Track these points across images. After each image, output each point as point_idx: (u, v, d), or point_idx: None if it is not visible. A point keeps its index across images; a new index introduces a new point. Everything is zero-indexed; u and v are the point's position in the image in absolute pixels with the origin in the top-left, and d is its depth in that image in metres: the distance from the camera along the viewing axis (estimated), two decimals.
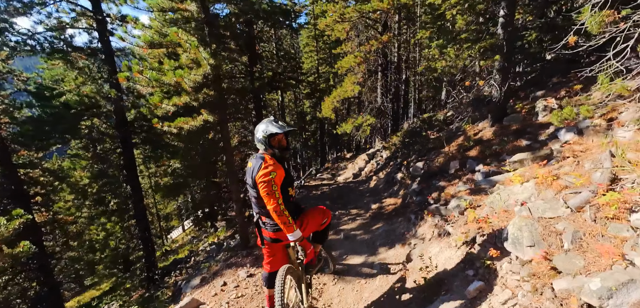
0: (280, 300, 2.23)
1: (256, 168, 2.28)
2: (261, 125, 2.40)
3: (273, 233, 2.45)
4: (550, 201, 2.47)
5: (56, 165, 11.50)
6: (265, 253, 2.67)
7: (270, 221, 2.41)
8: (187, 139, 4.51)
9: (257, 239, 2.64)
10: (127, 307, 8.13)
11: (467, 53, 4.44)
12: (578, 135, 3.29)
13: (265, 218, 2.44)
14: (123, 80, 3.84)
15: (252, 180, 2.33)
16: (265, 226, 2.47)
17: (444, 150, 5.61)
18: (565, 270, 2.01)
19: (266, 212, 2.36)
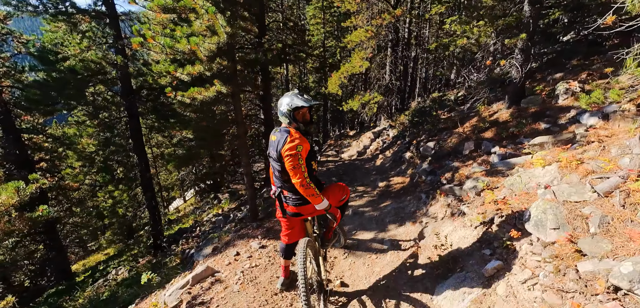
0: (303, 271, 2.26)
1: (281, 142, 2.24)
2: (285, 98, 2.35)
3: (294, 208, 2.45)
4: (576, 185, 2.46)
5: (60, 132, 11.44)
6: (284, 225, 2.70)
7: (292, 195, 2.41)
8: (199, 109, 4.42)
9: (277, 212, 2.64)
10: (137, 272, 8.35)
11: (491, 29, 4.28)
12: (603, 120, 3.24)
13: (287, 192, 2.42)
14: (137, 46, 3.70)
15: (277, 154, 2.28)
16: (287, 200, 2.46)
17: (457, 131, 5.56)
18: (590, 253, 2.03)
19: (289, 186, 2.35)
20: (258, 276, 3.73)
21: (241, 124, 5.20)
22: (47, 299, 9.88)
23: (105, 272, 10.59)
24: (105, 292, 7.78)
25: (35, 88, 6.42)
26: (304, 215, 2.52)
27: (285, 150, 2.20)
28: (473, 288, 2.59)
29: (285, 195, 2.45)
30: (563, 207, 2.35)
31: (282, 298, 3.25)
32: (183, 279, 3.95)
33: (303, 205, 2.41)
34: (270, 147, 2.40)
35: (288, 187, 2.38)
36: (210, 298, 3.35)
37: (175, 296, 3.64)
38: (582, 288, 1.92)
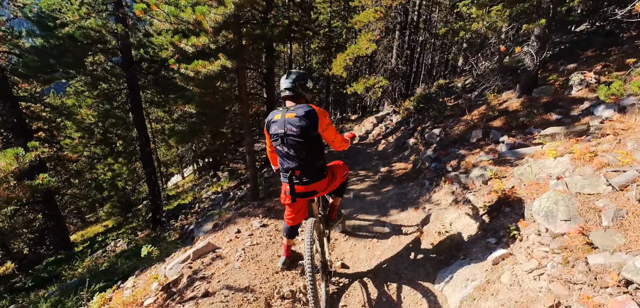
0: (310, 252, 2.25)
1: (312, 118, 2.20)
2: (291, 76, 2.36)
3: (306, 187, 2.40)
4: (590, 177, 2.40)
5: (58, 102, 11.26)
6: (289, 209, 2.65)
7: (306, 173, 2.35)
8: (203, 84, 4.30)
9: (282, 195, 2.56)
10: (136, 245, 8.43)
11: (509, 12, 4.09)
12: (619, 113, 3.15)
13: (301, 171, 2.33)
14: (140, 12, 3.53)
15: (298, 130, 2.20)
16: (301, 180, 2.37)
17: (465, 118, 5.46)
18: (602, 246, 1.99)
19: (304, 163, 2.31)
20: (259, 254, 3.72)
21: (245, 101, 5.08)
22: (46, 267, 10.01)
23: (104, 243, 10.69)
24: (104, 262, 7.86)
25: (33, 54, 6.22)
26: (318, 191, 2.49)
27: (324, 123, 2.25)
28: (476, 276, 2.57)
29: (297, 174, 2.35)
30: (575, 198, 2.30)
31: (283, 276, 3.25)
32: (184, 254, 3.95)
33: (317, 181, 2.41)
34: (277, 125, 2.29)
35: (303, 164, 2.32)
36: (211, 273, 3.35)
37: (175, 270, 3.64)
38: (591, 280, 1.89)
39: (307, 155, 2.29)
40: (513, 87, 5.52)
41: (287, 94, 2.36)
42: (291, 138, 2.23)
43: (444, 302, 2.57)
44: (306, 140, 2.24)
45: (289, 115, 2.24)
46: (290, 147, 2.27)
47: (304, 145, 2.25)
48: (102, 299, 3.64)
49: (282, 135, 2.26)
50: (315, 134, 2.27)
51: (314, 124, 2.21)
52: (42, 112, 10.51)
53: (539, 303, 2.00)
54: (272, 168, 2.70)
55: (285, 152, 2.32)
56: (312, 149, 2.32)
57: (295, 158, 2.30)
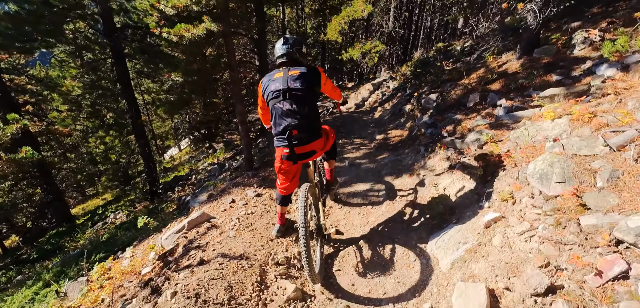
0: (304, 215, 2.27)
1: (312, 75, 2.33)
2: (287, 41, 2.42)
3: (303, 148, 2.39)
4: (587, 139, 2.34)
5: (43, 74, 10.83)
6: (283, 178, 2.63)
7: (305, 131, 2.34)
8: (189, 50, 4.07)
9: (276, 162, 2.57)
10: (134, 217, 8.51)
11: None
12: (622, 71, 3.03)
13: (299, 130, 2.32)
14: None
15: (303, 85, 2.27)
16: (300, 140, 2.36)
17: (462, 82, 5.30)
18: (595, 207, 1.97)
19: (304, 120, 2.32)
20: (254, 222, 3.74)
21: (234, 68, 4.86)
22: (49, 239, 10.19)
23: (104, 216, 10.81)
24: (104, 234, 7.97)
25: (6, 21, 5.83)
26: (317, 151, 2.49)
27: (324, 79, 2.44)
28: (468, 239, 2.59)
29: (295, 135, 2.33)
30: (571, 160, 2.25)
31: (278, 243, 3.28)
32: (179, 224, 3.95)
33: (315, 140, 2.42)
34: (278, 82, 2.31)
35: (303, 122, 2.32)
36: (206, 242, 3.37)
37: (171, 239, 3.66)
38: (582, 241, 1.89)
39: (308, 111, 2.32)
40: (513, 48, 5.31)
41: (284, 59, 2.38)
42: (294, 92, 2.26)
43: (435, 264, 2.60)
44: (309, 96, 2.30)
45: (292, 72, 2.29)
46: (293, 102, 2.27)
47: (307, 101, 2.30)
48: (102, 269, 3.69)
49: (285, 90, 2.26)
50: (318, 91, 2.40)
51: (317, 79, 2.34)
52: (28, 84, 10.14)
53: (528, 264, 2.01)
54: (265, 127, 2.87)
55: (286, 109, 2.29)
56: (313, 106, 2.38)
57: (297, 114, 2.29)
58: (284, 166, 2.52)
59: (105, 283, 3.33)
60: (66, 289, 3.72)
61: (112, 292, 3.03)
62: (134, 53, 7.75)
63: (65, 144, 11.82)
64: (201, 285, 2.53)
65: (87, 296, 3.16)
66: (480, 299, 1.88)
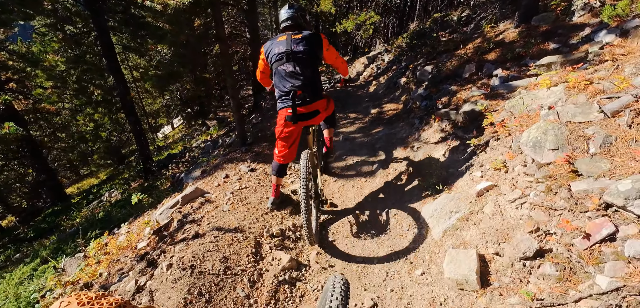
0: (305, 180, 2.40)
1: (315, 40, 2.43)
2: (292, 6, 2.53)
3: (306, 108, 2.47)
4: (583, 106, 2.32)
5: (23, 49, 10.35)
6: (284, 143, 2.68)
7: (308, 91, 2.44)
8: (175, 19, 3.87)
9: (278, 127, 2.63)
10: (129, 194, 8.47)
11: None
12: (621, 37, 2.97)
13: (302, 90, 2.42)
14: None
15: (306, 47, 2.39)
16: (304, 100, 2.45)
17: (458, 53, 5.19)
18: (586, 173, 1.98)
19: (307, 81, 2.42)
20: (248, 197, 3.73)
21: (224, 40, 4.67)
22: (45, 218, 10.19)
23: (99, 194, 10.77)
24: (100, 212, 7.96)
25: None
26: (320, 111, 2.58)
27: (327, 44, 2.52)
28: (460, 208, 2.62)
29: (299, 95, 2.43)
30: (565, 127, 2.24)
31: (272, 216, 3.29)
32: (173, 200, 3.94)
33: (318, 100, 2.51)
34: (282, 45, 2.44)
35: (306, 83, 2.42)
36: (200, 216, 3.36)
37: (166, 215, 3.65)
38: (572, 206, 1.91)
39: (311, 73, 2.43)
40: (511, 17, 5.17)
41: (289, 23, 2.51)
42: (297, 55, 2.38)
43: (428, 232, 2.64)
44: (312, 58, 2.42)
45: (295, 36, 2.41)
46: (297, 63, 2.39)
47: (310, 63, 2.41)
48: (98, 244, 3.70)
49: (288, 52, 2.39)
50: (320, 54, 2.51)
51: (319, 43, 2.46)
52: (9, 60, 9.71)
53: (518, 230, 2.05)
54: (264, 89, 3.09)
55: (289, 71, 2.41)
56: (316, 69, 2.49)
57: (300, 75, 2.40)
58: (286, 130, 2.57)
59: (102, 258, 3.34)
60: (64, 265, 3.74)
61: (108, 266, 3.05)
62: (118, 25, 7.39)
63: (54, 122, 11.53)
64: (196, 257, 2.55)
65: (85, 270, 3.18)
66: (471, 264, 1.92)
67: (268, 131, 6.38)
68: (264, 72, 2.75)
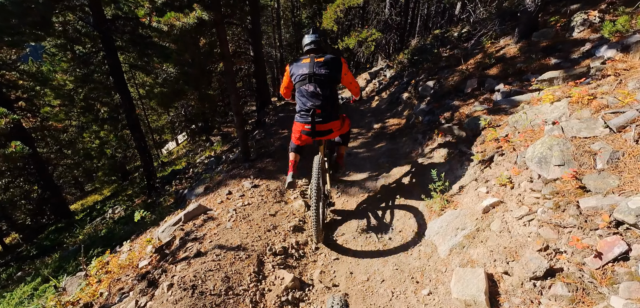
0: (316, 181, 2.63)
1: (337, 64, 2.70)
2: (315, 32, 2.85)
3: (323, 126, 2.76)
4: (587, 121, 2.31)
5: (34, 68, 10.63)
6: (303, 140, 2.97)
7: (326, 111, 2.71)
8: (180, 39, 3.97)
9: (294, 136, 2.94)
10: (132, 211, 8.47)
11: None
12: (623, 52, 2.97)
13: (321, 109, 2.68)
14: None
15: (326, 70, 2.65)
16: (322, 118, 2.72)
17: (460, 68, 5.23)
18: (595, 189, 1.95)
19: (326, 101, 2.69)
20: (251, 213, 3.71)
21: (228, 58, 4.76)
22: (48, 236, 10.17)
23: (103, 211, 10.77)
24: (103, 229, 7.94)
25: None
26: (333, 130, 2.85)
27: (345, 69, 2.76)
28: (466, 225, 2.57)
29: (318, 113, 2.69)
30: (571, 143, 2.22)
31: (275, 234, 3.26)
32: (175, 217, 3.92)
33: (333, 121, 2.78)
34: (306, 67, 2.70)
35: (324, 103, 2.68)
36: (203, 234, 3.34)
37: (168, 232, 3.63)
38: (581, 223, 1.87)
39: (330, 93, 2.69)
40: (511, 33, 5.23)
41: (312, 46, 2.80)
42: (319, 77, 2.64)
43: (433, 250, 2.58)
44: (331, 80, 2.68)
45: (318, 59, 2.68)
46: (318, 84, 2.65)
47: (329, 84, 2.68)
48: (100, 263, 3.67)
49: (311, 74, 2.65)
50: (339, 77, 2.74)
51: (339, 67, 2.70)
52: (19, 80, 9.95)
53: (527, 248, 1.99)
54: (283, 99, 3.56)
55: (310, 91, 2.68)
56: (334, 89, 2.75)
57: (320, 96, 2.67)
58: (303, 138, 2.90)
59: (103, 277, 3.31)
60: (65, 284, 3.71)
61: (109, 285, 3.01)
62: (125, 45, 7.59)
63: (60, 139, 11.69)
64: (198, 277, 2.51)
65: (85, 290, 3.14)
66: (479, 284, 1.87)
67: (271, 147, 6.40)
68: (288, 88, 3.00)
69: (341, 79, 2.77)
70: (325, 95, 2.66)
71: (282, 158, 5.53)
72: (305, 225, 3.48)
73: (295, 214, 3.69)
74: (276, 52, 17.12)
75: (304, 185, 4.46)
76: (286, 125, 8.45)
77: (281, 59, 16.28)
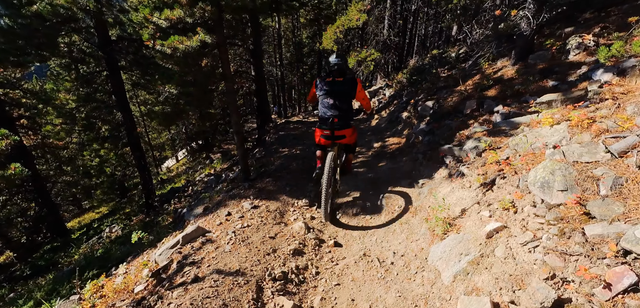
0: (328, 170, 3.29)
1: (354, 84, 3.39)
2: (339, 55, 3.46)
3: (339, 132, 3.42)
4: (588, 145, 2.30)
5: (38, 87, 10.74)
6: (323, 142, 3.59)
7: (342, 120, 3.36)
8: (183, 61, 4.03)
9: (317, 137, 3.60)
10: (130, 231, 8.35)
11: None
12: (619, 76, 3.01)
13: (337, 119, 3.33)
14: None
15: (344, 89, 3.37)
16: (340, 125, 3.37)
17: (458, 89, 5.29)
18: (600, 216, 1.92)
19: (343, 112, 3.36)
20: (250, 236, 3.64)
21: (229, 79, 4.82)
22: (43, 255, 9.98)
23: (100, 229, 10.62)
24: (99, 249, 7.80)
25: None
26: (346, 136, 3.50)
27: (360, 88, 3.44)
28: (470, 250, 2.52)
29: (335, 122, 3.35)
30: (573, 167, 2.21)
31: (274, 258, 3.19)
32: (173, 239, 3.85)
33: (347, 128, 3.43)
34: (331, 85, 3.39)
35: (341, 114, 3.35)
36: (201, 258, 3.27)
37: (165, 255, 3.56)
38: (588, 251, 1.83)
39: (346, 106, 3.37)
40: (508, 55, 5.33)
41: (335, 68, 3.40)
42: (338, 94, 3.34)
43: (437, 276, 2.52)
44: (348, 96, 3.38)
45: (338, 79, 3.38)
46: (336, 99, 3.34)
47: (346, 100, 3.37)
48: (94, 286, 3.57)
49: (332, 91, 3.36)
50: (354, 94, 3.40)
51: (354, 86, 3.38)
52: (22, 98, 10.04)
53: (533, 276, 1.95)
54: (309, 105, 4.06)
55: (330, 103, 3.36)
56: (350, 103, 3.41)
57: (338, 108, 3.34)
58: (322, 141, 3.56)
59: (97, 302, 3.22)
60: None
61: None
62: (128, 65, 7.71)
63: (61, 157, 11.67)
64: (195, 304, 2.44)
65: None
66: None
67: (271, 166, 6.38)
68: (313, 98, 3.68)
69: (356, 96, 3.43)
70: (342, 108, 3.33)
71: (282, 178, 5.50)
72: (305, 249, 3.41)
73: (295, 237, 3.63)
74: (277, 70, 17.39)
75: (304, 205, 4.43)
76: (286, 144, 8.47)
77: (282, 77, 16.52)
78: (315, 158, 3.92)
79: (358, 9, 9.54)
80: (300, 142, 8.45)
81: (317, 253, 3.37)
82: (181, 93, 5.48)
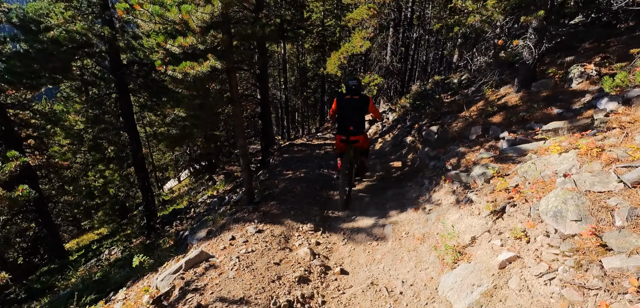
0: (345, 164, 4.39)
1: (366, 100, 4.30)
2: (356, 78, 4.43)
3: (356, 136, 4.29)
4: (599, 174, 2.29)
5: (47, 108, 10.97)
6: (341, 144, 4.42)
7: (357, 127, 4.27)
8: (193, 86, 4.14)
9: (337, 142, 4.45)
10: (130, 253, 8.21)
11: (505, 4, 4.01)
12: (624, 105, 3.04)
13: (353, 127, 4.23)
14: (122, 13, 3.37)
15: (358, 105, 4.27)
16: (355, 131, 4.27)
17: (463, 115, 5.34)
18: (617, 248, 1.87)
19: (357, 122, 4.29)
20: (255, 262, 3.57)
21: (237, 102, 4.90)
22: (39, 277, 9.77)
23: (98, 251, 10.45)
24: (97, 272, 7.65)
25: (15, 59, 5.97)
26: (359, 141, 4.37)
27: (371, 104, 4.34)
28: (482, 281, 2.44)
29: (351, 129, 4.23)
30: (585, 197, 2.18)
31: (279, 285, 3.11)
32: (176, 264, 3.77)
33: (360, 134, 4.33)
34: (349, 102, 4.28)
35: (356, 123, 4.26)
36: (204, 284, 3.19)
37: (167, 281, 3.47)
38: (607, 285, 1.77)
39: (360, 118, 4.29)
40: (511, 82, 5.42)
41: (353, 88, 4.26)
42: (354, 108, 4.23)
43: None
44: (362, 110, 4.27)
45: (355, 97, 4.23)
46: (353, 112, 4.23)
47: (360, 113, 4.27)
48: None
49: (349, 106, 4.23)
50: (366, 108, 4.29)
51: (367, 103, 4.28)
52: (32, 119, 10.22)
53: None
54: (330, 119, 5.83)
55: (348, 115, 4.24)
56: (362, 118, 4.34)
57: (353, 120, 4.22)
58: (341, 145, 4.39)
59: None
60: None
61: None
62: (138, 88, 7.90)
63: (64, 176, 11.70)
64: None
65: None
66: None
67: (275, 189, 6.35)
68: (334, 112, 4.48)
69: (368, 109, 4.33)
70: (356, 119, 4.23)
71: (286, 201, 5.46)
72: (310, 276, 3.33)
73: (300, 263, 3.55)
74: (281, 94, 17.73)
75: (309, 230, 4.36)
76: (291, 167, 8.47)
77: (286, 100, 16.82)
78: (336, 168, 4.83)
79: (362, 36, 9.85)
80: (304, 165, 8.44)
81: (323, 281, 3.28)
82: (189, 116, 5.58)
